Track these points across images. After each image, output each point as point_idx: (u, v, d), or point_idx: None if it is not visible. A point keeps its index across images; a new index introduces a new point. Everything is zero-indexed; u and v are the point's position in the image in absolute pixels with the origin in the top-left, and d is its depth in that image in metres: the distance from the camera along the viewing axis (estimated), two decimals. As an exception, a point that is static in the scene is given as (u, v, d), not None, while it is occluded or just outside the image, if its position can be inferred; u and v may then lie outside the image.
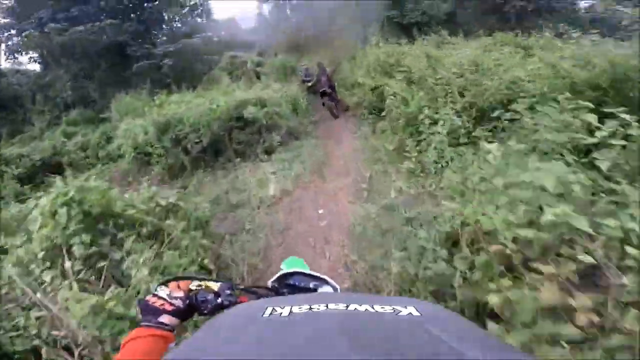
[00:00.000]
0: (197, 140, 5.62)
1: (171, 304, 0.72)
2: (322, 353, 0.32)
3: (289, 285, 0.94)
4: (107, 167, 8.89)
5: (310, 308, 0.42)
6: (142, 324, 0.68)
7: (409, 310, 0.41)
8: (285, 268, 1.03)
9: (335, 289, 0.93)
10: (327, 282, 0.94)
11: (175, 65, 12.68)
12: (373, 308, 0.41)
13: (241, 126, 6.16)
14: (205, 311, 0.76)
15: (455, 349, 0.32)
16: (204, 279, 0.81)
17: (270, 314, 0.41)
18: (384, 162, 4.74)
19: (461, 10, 17.92)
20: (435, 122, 4.25)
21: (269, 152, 6.04)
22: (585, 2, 19.82)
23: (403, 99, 4.51)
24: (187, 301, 0.75)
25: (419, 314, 0.40)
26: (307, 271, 0.96)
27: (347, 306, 0.42)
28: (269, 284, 0.95)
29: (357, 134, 6.39)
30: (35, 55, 13.95)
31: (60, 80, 13.73)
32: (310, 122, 7.98)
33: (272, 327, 0.39)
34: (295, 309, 0.42)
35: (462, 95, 4.46)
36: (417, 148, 4.41)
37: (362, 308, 0.41)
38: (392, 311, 0.41)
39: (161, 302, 0.71)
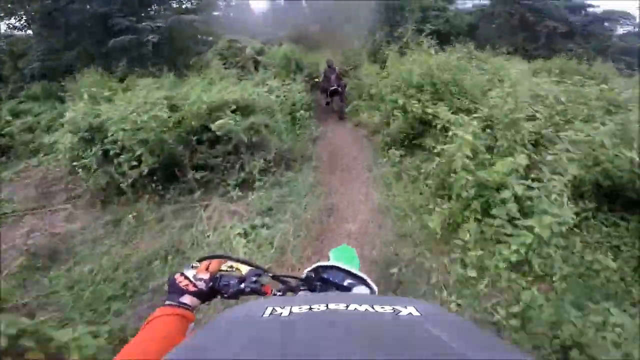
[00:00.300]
0: (133, 164, 3.73)
1: (194, 285, 0.72)
2: (322, 353, 0.31)
3: (322, 279, 0.85)
4: (46, 159, 6.94)
5: (311, 308, 0.41)
6: (166, 302, 0.69)
7: (409, 310, 0.40)
8: (332, 257, 1.01)
9: (373, 291, 0.82)
10: (364, 282, 0.82)
11: (163, 43, 10.72)
12: (373, 308, 0.41)
13: (212, 140, 4.29)
14: (226, 295, 0.76)
15: (455, 349, 0.32)
16: (238, 261, 0.81)
17: (270, 314, 0.41)
18: (419, 244, 2.95)
19: (485, 24, 16.80)
20: (518, 201, 2.46)
21: (246, 184, 4.21)
22: (623, 29, 18.22)
23: (474, 153, 2.68)
24: (211, 284, 0.74)
25: (419, 314, 0.39)
26: (345, 266, 0.84)
27: (347, 306, 0.41)
28: (305, 273, 0.89)
29: (373, 172, 4.58)
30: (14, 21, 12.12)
31: (32, 49, 11.94)
32: (310, 138, 6.15)
33: (271, 328, 0.38)
34: (295, 309, 0.41)
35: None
36: (480, 236, 2.64)
37: (362, 308, 0.41)
38: (392, 311, 0.40)
39: (186, 282, 0.72)
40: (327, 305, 0.41)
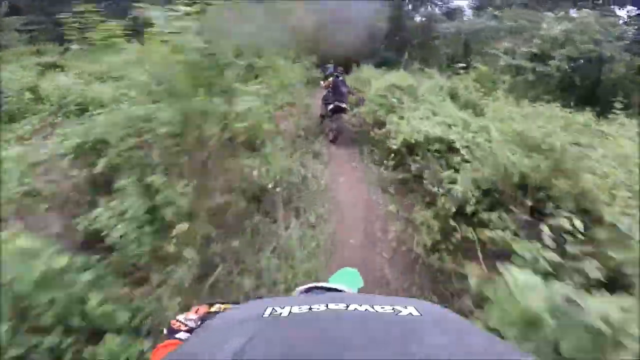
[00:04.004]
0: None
1: (185, 325, 0.77)
2: (321, 353, 0.32)
3: None
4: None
5: (310, 308, 0.41)
6: (167, 339, 0.73)
7: (409, 310, 0.40)
8: (330, 283, 0.95)
9: None
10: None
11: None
12: (373, 308, 0.41)
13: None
14: None
15: (455, 349, 0.33)
16: (226, 303, 0.86)
17: (270, 314, 0.41)
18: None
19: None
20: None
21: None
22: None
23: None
24: (199, 322, 0.77)
25: (419, 314, 0.40)
26: (322, 284, 0.86)
27: (347, 306, 0.41)
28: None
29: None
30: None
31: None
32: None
33: (271, 327, 0.39)
34: (295, 309, 0.41)
35: None
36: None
37: (362, 308, 0.41)
38: (392, 311, 0.40)
39: (178, 324, 0.77)
40: (327, 306, 0.42)
